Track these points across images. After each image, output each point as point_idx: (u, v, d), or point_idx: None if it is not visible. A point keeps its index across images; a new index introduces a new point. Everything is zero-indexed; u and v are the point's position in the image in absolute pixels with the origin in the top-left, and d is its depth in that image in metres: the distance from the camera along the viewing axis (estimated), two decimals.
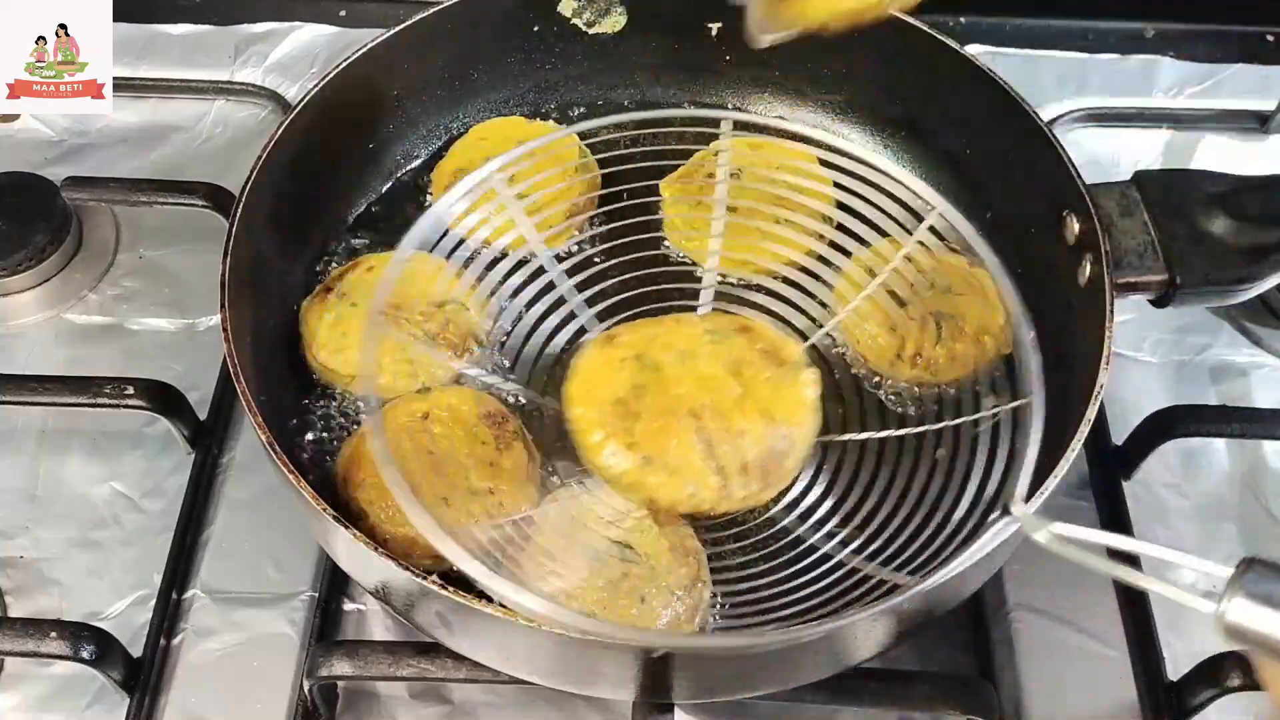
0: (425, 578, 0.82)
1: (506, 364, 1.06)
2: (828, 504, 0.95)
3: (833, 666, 0.91)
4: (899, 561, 0.87)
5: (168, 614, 1.03)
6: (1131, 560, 0.80)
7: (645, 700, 0.93)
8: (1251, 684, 0.95)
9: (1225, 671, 0.95)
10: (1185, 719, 0.98)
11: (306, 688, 0.97)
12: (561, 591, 0.86)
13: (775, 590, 0.88)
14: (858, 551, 0.90)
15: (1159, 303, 1.02)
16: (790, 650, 0.84)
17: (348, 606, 1.06)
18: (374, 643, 1.00)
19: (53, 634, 0.96)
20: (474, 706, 1.01)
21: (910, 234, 0.99)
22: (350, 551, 0.88)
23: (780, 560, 0.92)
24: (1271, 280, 0.99)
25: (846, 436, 0.99)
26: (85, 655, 0.96)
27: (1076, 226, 1.02)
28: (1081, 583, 1.06)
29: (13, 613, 1.05)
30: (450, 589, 0.81)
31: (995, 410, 0.90)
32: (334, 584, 1.06)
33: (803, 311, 1.05)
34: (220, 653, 1.01)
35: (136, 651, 1.00)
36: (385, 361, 1.05)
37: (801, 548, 0.92)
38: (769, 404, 0.88)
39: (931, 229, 0.99)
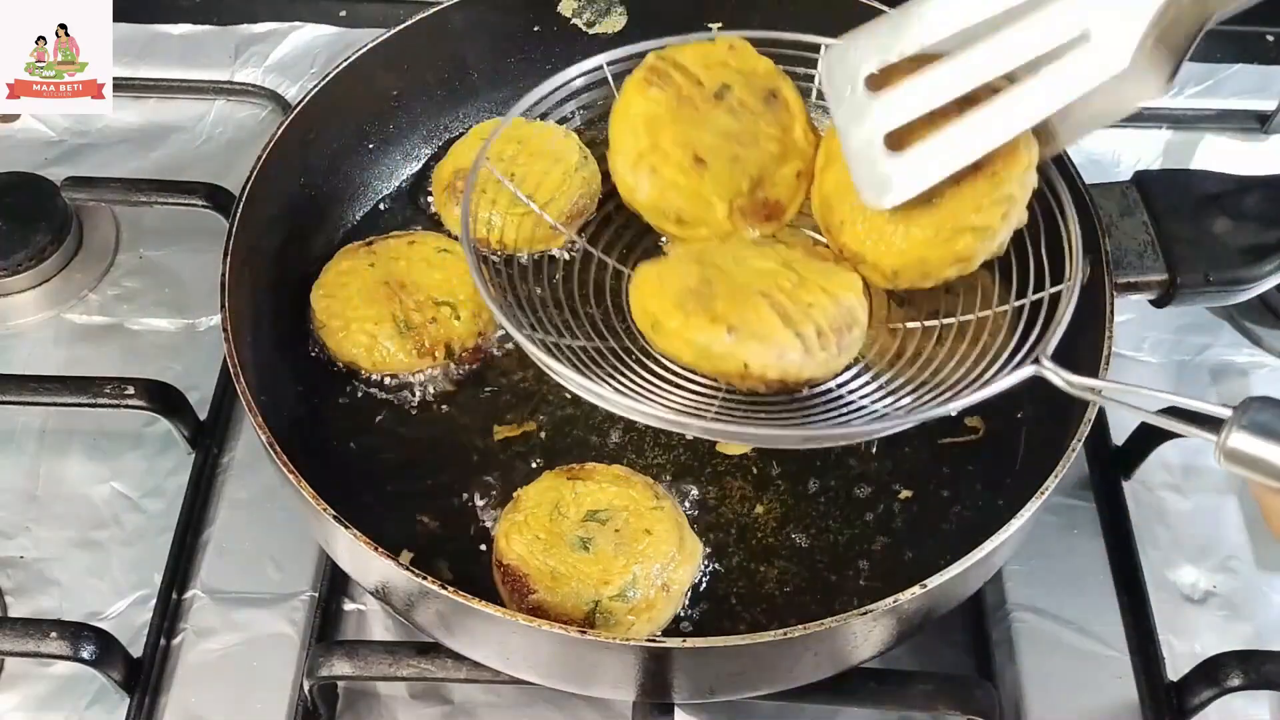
0: (425, 578, 0.82)
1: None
2: (884, 378, 0.96)
3: (833, 666, 0.91)
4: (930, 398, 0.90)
5: (168, 614, 1.03)
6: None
7: (645, 700, 0.94)
8: (1251, 684, 0.95)
9: (1225, 671, 0.95)
10: (1185, 719, 0.98)
11: (306, 688, 0.97)
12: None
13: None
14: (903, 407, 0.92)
15: (1159, 303, 1.02)
16: (790, 650, 0.84)
17: (348, 606, 1.07)
18: (374, 643, 1.00)
19: (53, 634, 0.96)
20: (474, 706, 1.01)
21: None
22: (350, 551, 0.88)
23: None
24: (1271, 280, 0.99)
25: (899, 324, 1.00)
26: (85, 655, 0.96)
27: (1077, 227, 1.02)
28: (1081, 583, 1.06)
29: (13, 613, 1.05)
30: (450, 589, 0.81)
31: (1039, 296, 0.92)
32: (334, 584, 1.06)
33: None
34: (220, 653, 1.01)
35: (136, 651, 1.00)
36: (363, 328, 1.08)
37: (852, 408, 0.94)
38: (826, 285, 0.92)
39: None
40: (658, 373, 0.94)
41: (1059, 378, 0.84)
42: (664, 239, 1.04)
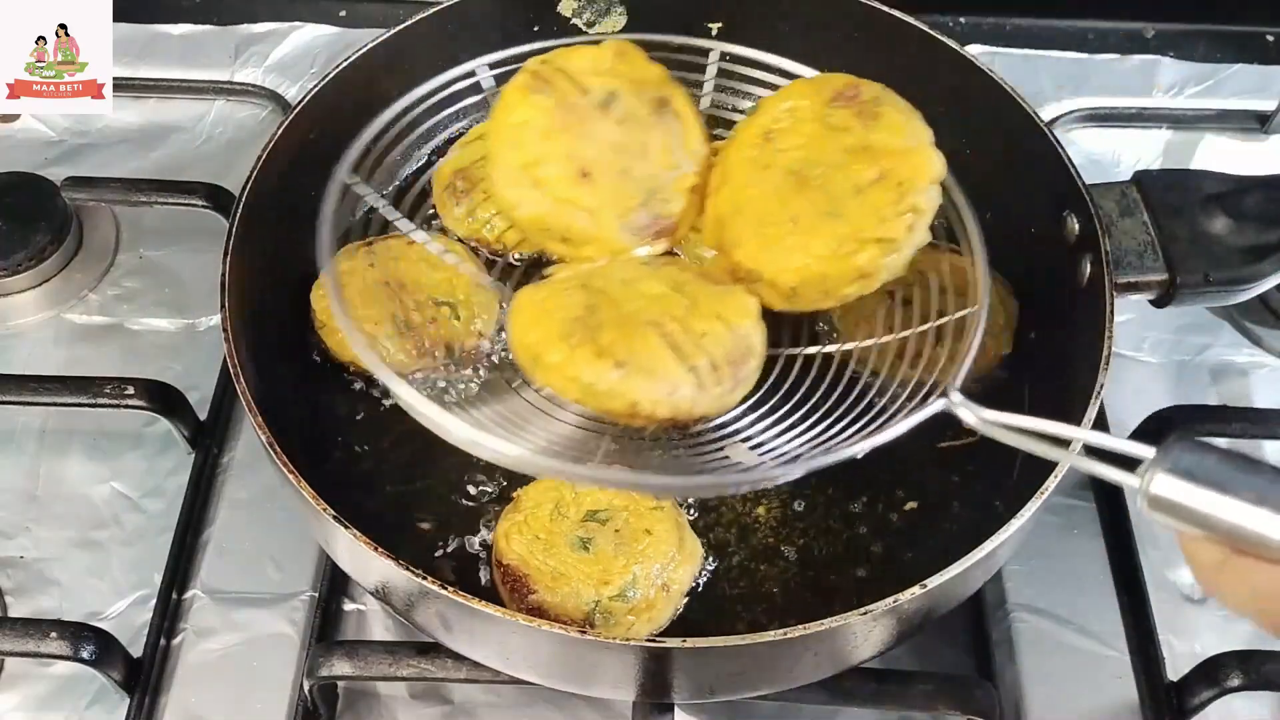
0: (425, 578, 0.82)
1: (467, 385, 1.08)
2: (783, 410, 0.91)
3: (833, 666, 0.91)
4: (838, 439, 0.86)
5: (168, 614, 1.03)
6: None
7: (645, 700, 0.94)
8: (1251, 684, 0.95)
9: (1225, 671, 0.95)
10: (1185, 719, 0.98)
11: (306, 688, 0.97)
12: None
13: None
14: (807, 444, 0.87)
15: (1159, 303, 1.02)
16: (790, 650, 0.84)
17: (348, 606, 1.07)
18: (374, 643, 1.01)
19: (53, 634, 0.96)
20: (474, 706, 1.01)
21: None
22: (350, 551, 0.88)
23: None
24: (1271, 280, 0.99)
25: (796, 350, 0.97)
26: (85, 655, 0.96)
27: (1076, 226, 1.02)
28: (1081, 583, 1.06)
29: (13, 613, 1.05)
30: (450, 589, 0.81)
31: (943, 320, 0.91)
32: (334, 584, 1.06)
33: None
34: (220, 653, 1.01)
35: (136, 651, 1.00)
36: (363, 328, 1.07)
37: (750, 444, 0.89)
38: (720, 310, 0.86)
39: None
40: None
41: (970, 413, 0.79)
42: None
